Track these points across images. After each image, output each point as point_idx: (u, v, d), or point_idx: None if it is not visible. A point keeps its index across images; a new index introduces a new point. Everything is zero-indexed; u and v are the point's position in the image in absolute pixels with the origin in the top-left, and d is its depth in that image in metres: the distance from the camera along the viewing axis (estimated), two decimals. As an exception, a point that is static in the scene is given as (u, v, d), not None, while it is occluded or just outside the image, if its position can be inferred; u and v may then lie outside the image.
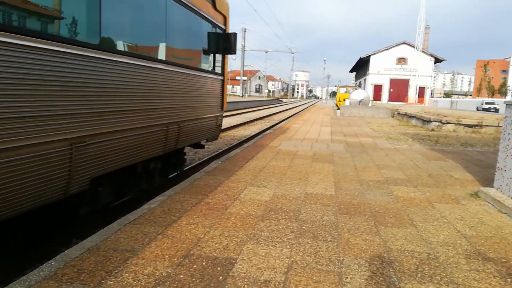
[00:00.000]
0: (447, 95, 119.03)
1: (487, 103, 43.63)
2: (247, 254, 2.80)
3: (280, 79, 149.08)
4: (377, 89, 56.52)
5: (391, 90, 56.16)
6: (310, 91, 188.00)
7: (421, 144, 10.07)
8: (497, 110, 40.39)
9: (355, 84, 78.15)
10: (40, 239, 3.65)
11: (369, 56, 56.24)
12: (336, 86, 66.63)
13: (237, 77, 63.36)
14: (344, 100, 32.64)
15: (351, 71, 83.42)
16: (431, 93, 60.09)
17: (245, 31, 57.95)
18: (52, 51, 2.70)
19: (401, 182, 5.42)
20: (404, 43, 55.63)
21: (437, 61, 57.84)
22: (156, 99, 4.34)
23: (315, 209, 3.97)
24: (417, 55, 51.80)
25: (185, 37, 5.39)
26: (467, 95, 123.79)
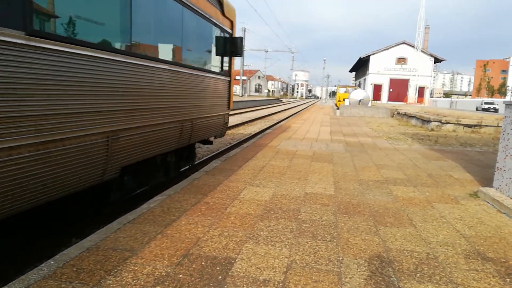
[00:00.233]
0: (447, 95, 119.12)
1: (486, 103, 43.66)
2: (246, 253, 2.80)
3: (279, 78, 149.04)
4: (377, 89, 56.51)
5: (391, 90, 56.14)
6: (309, 91, 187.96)
7: (421, 144, 10.07)
8: (496, 110, 40.43)
9: (355, 84, 78.15)
10: (40, 238, 3.65)
11: (369, 56, 56.21)
12: (335, 85, 66.66)
13: (237, 77, 63.30)
14: (343, 100, 32.61)
15: (351, 71, 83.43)
16: (431, 93, 60.08)
17: (245, 31, 57.90)
18: (100, 58, 3.22)
19: (400, 182, 5.43)
20: (403, 43, 55.60)
21: (437, 61, 57.82)
22: (174, 99, 4.84)
23: (315, 208, 3.97)
24: (416, 55, 51.83)
25: (199, 42, 5.95)
26: (467, 95, 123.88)
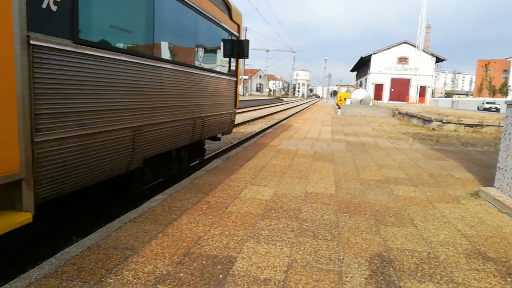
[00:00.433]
0: (448, 94, 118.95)
1: (488, 103, 43.52)
2: (247, 252, 2.80)
3: (281, 78, 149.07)
4: (378, 88, 56.46)
5: (392, 89, 56.09)
6: (311, 90, 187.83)
7: (422, 143, 10.06)
8: (498, 109, 40.31)
9: (356, 83, 78.06)
10: (39, 238, 3.66)
11: (370, 55, 56.16)
12: (337, 85, 66.48)
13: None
14: (345, 99, 32.59)
15: (352, 70, 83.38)
16: (432, 93, 60.01)
17: (246, 30, 57.89)
18: (130, 62, 3.65)
19: (401, 181, 5.42)
20: (405, 43, 55.53)
21: (438, 60, 57.72)
22: (188, 98, 5.28)
23: (316, 208, 3.97)
24: (418, 54, 51.76)
25: (211, 45, 6.41)
26: (468, 94, 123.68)
